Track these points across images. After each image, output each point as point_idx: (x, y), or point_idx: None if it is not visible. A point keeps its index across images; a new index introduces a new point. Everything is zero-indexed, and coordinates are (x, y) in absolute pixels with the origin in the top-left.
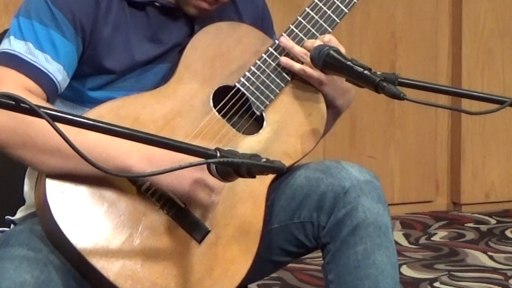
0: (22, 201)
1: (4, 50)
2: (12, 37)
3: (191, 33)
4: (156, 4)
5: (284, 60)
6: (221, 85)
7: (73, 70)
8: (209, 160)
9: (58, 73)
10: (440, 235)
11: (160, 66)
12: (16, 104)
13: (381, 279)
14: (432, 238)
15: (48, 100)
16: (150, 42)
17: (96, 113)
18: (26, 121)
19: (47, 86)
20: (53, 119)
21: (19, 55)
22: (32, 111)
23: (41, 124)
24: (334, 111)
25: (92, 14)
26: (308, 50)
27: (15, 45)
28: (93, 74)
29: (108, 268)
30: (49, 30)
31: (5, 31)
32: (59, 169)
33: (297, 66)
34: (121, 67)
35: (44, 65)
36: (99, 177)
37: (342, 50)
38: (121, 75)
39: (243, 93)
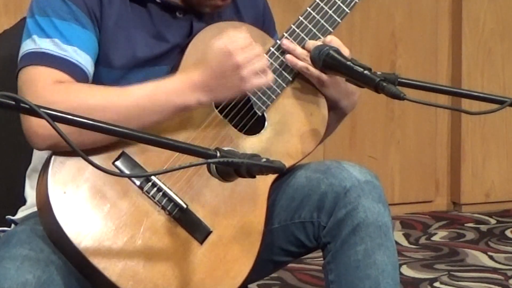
0: (22, 201)
1: (31, 50)
2: (35, 37)
3: (190, 34)
4: (158, 0)
5: (289, 57)
6: None
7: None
8: (209, 160)
9: (88, 63)
10: (440, 235)
11: (161, 67)
12: (16, 104)
13: (381, 279)
14: (432, 238)
15: None
16: (153, 39)
17: (128, 88)
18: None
19: (80, 77)
20: (53, 119)
21: (48, 52)
22: (32, 111)
23: (90, 102)
24: (338, 112)
25: (98, 5)
26: (309, 52)
27: (41, 44)
28: (97, 67)
29: (110, 268)
30: (71, 23)
31: (5, 31)
32: (113, 138)
33: (300, 63)
34: (121, 61)
35: (74, 57)
36: (102, 177)
37: (346, 51)
38: (123, 71)
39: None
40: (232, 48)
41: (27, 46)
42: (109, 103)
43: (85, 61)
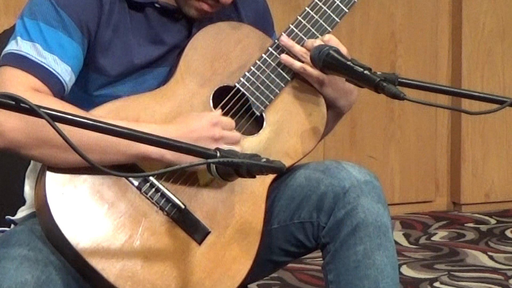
0: (22, 201)
1: (12, 51)
2: (19, 38)
3: (189, 35)
4: (156, 5)
5: (284, 57)
6: (221, 86)
7: (79, 71)
8: (209, 160)
9: (66, 73)
10: (440, 235)
11: (159, 69)
12: (16, 104)
13: (381, 279)
14: (432, 238)
15: None
16: (151, 43)
17: (95, 114)
18: (41, 122)
19: (55, 87)
20: (53, 119)
21: (27, 56)
22: (32, 111)
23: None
24: (335, 112)
25: (96, 17)
26: (308, 50)
27: (23, 46)
28: (91, 75)
29: (108, 269)
30: (57, 31)
31: (5, 31)
32: (81, 163)
33: (297, 64)
34: (117, 70)
35: (52, 66)
36: (100, 178)
37: (343, 49)
38: (117, 78)
39: (243, 93)
40: (217, 121)
41: (10, 46)
42: (76, 128)
43: (63, 71)
